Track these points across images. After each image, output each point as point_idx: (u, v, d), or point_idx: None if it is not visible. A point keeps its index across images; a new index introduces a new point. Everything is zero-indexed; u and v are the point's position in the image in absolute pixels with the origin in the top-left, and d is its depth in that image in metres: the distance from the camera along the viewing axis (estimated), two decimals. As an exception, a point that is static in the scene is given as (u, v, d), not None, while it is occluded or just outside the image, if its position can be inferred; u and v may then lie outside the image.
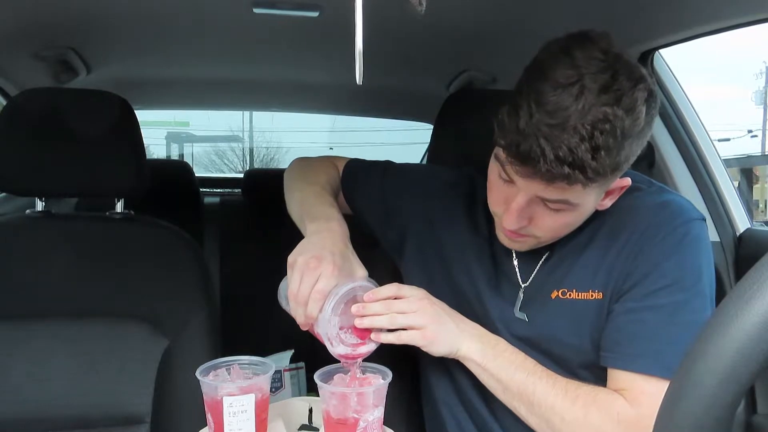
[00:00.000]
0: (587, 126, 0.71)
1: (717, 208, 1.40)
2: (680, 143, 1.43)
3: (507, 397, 0.86)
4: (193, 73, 2.07)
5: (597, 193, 0.81)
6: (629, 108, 0.73)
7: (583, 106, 0.72)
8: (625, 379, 0.83)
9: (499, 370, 0.86)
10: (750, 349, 0.37)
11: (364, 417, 0.78)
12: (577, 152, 0.72)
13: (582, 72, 0.73)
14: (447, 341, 0.85)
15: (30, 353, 1.09)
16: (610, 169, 0.75)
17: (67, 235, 1.20)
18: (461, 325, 0.88)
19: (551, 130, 0.72)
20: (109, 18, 1.39)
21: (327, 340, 0.81)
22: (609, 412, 0.81)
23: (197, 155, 12.22)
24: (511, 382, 0.85)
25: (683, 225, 0.85)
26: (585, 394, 0.83)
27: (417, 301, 0.85)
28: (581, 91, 0.72)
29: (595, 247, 0.88)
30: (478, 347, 0.86)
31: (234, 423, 0.78)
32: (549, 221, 0.83)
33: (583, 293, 0.88)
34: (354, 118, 3.97)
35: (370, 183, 1.09)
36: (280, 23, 1.42)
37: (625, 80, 0.73)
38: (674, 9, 1.15)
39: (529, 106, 0.74)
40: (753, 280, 0.37)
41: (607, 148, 0.72)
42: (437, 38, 1.51)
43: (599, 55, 0.74)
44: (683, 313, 0.82)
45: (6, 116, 1.15)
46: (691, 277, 0.83)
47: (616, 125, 0.72)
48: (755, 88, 14.79)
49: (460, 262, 0.98)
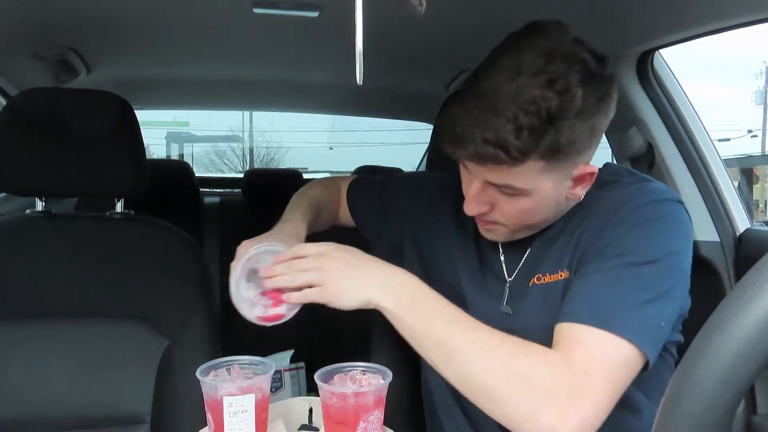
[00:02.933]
0: (514, 107, 0.74)
1: (717, 208, 1.40)
2: (680, 143, 1.43)
3: (424, 350, 0.80)
4: (193, 73, 2.07)
5: (554, 180, 0.81)
6: (562, 90, 0.74)
7: (514, 90, 0.75)
8: (560, 331, 0.78)
9: (415, 320, 0.79)
10: (750, 349, 0.37)
11: (364, 417, 0.78)
12: (502, 133, 0.74)
13: (521, 58, 0.76)
14: (352, 294, 0.81)
15: (30, 353, 1.09)
16: (546, 150, 0.76)
17: (67, 235, 1.20)
18: (373, 275, 0.82)
19: (483, 114, 0.75)
20: (109, 18, 1.39)
21: (237, 303, 0.84)
22: (541, 360, 0.75)
23: (197, 155, 12.24)
24: (429, 332, 0.78)
25: (652, 203, 0.84)
26: (513, 343, 0.76)
27: (317, 258, 0.82)
28: (514, 75, 0.75)
29: (567, 232, 0.89)
30: (390, 297, 0.80)
31: (234, 423, 0.78)
32: (508, 207, 0.85)
33: (553, 276, 0.88)
34: (354, 118, 3.97)
35: (370, 194, 1.14)
36: (280, 23, 1.42)
37: (560, 62, 0.75)
38: (674, 9, 1.15)
39: (467, 93, 0.79)
40: (753, 280, 0.37)
41: (531, 128, 0.74)
42: (437, 38, 1.51)
43: (542, 42, 0.77)
44: (633, 278, 0.78)
45: (6, 116, 1.15)
46: (651, 251, 0.80)
47: (542, 106, 0.74)
48: (755, 88, 14.83)
49: (447, 261, 1.00)
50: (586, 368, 0.73)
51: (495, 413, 0.75)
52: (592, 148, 0.82)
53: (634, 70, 1.43)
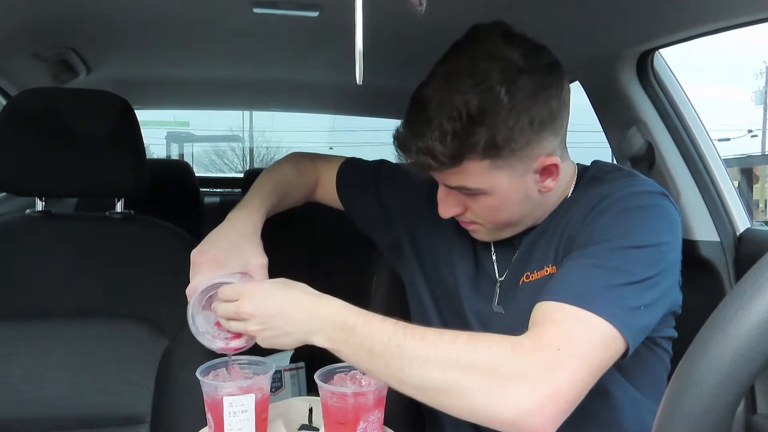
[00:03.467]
0: (440, 115, 0.77)
1: (717, 208, 1.40)
2: (680, 143, 1.43)
3: (376, 374, 0.76)
4: (193, 73, 2.07)
5: (510, 176, 0.82)
6: (485, 90, 0.76)
7: (441, 97, 0.77)
8: (535, 311, 0.77)
9: (354, 351, 0.75)
10: (750, 349, 0.37)
11: (364, 417, 0.78)
12: (429, 141, 0.78)
13: (453, 65, 0.80)
14: (286, 342, 0.80)
15: (30, 353, 1.09)
16: (483, 149, 0.78)
17: (67, 235, 1.20)
18: (304, 319, 0.78)
19: (417, 124, 0.79)
20: (109, 18, 1.39)
21: (197, 337, 0.85)
22: (501, 346, 0.71)
23: (197, 155, 12.23)
24: (373, 357, 0.74)
25: (637, 194, 0.84)
26: (468, 336, 0.73)
27: (245, 309, 0.79)
28: (444, 82, 0.79)
29: (552, 228, 0.90)
30: (323, 337, 0.77)
31: (234, 423, 0.78)
32: (476, 207, 0.87)
33: (540, 272, 0.89)
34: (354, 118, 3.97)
35: (365, 187, 1.12)
36: (280, 23, 1.42)
37: (485, 63, 0.78)
38: (674, 9, 1.15)
39: (410, 102, 0.82)
40: (753, 280, 0.37)
41: (455, 132, 0.76)
42: (437, 38, 1.51)
43: (474, 46, 0.81)
44: (614, 260, 0.77)
45: (6, 116, 1.15)
46: (635, 237, 0.79)
47: (463, 110, 0.76)
48: (755, 88, 14.82)
49: (446, 260, 1.01)
50: (558, 344, 0.71)
51: (464, 412, 0.72)
52: (545, 140, 0.82)
53: (634, 70, 1.43)
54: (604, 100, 1.53)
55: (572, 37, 1.30)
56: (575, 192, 0.92)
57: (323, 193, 1.16)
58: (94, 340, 1.11)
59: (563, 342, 0.71)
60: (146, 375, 1.10)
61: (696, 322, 0.44)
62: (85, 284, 1.15)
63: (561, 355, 0.70)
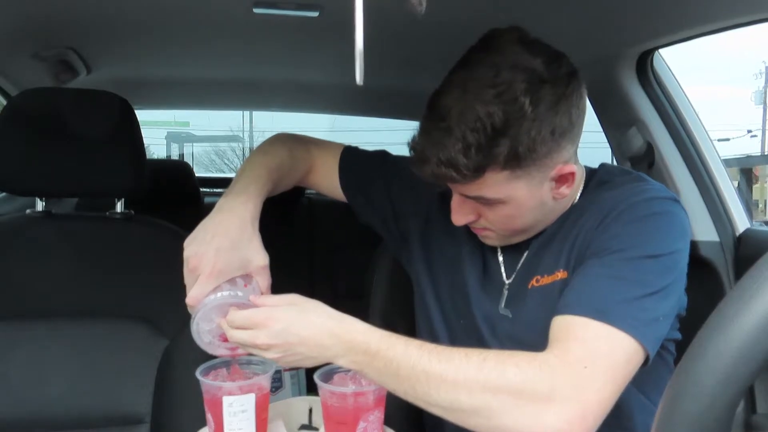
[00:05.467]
0: (462, 126, 0.75)
1: (717, 208, 1.40)
2: (680, 143, 1.43)
3: (402, 395, 0.76)
4: (193, 73, 2.07)
5: (528, 185, 0.82)
6: (509, 100, 0.75)
7: (462, 108, 0.76)
8: (557, 325, 0.77)
9: (379, 373, 0.75)
10: (750, 349, 0.37)
11: (364, 417, 0.78)
12: (452, 153, 0.76)
13: (471, 74, 0.78)
14: (309, 364, 0.79)
15: (30, 353, 1.09)
16: (504, 161, 0.77)
17: (67, 235, 1.20)
18: (327, 344, 0.76)
19: (437, 134, 0.77)
20: (109, 18, 1.39)
21: (199, 345, 0.83)
22: (530, 365, 0.71)
23: (197, 155, 12.23)
24: (399, 380, 0.74)
25: (649, 201, 0.84)
26: (496, 356, 0.73)
27: (262, 341, 0.76)
28: (463, 92, 0.77)
29: (563, 233, 0.89)
30: (347, 360, 0.76)
31: (234, 423, 0.78)
32: (491, 215, 0.86)
33: (551, 276, 0.88)
34: (354, 118, 3.97)
35: (373, 180, 1.09)
36: (280, 23, 1.42)
37: (506, 73, 0.76)
38: (674, 9, 1.15)
39: (427, 110, 0.81)
40: (753, 280, 0.38)
41: (479, 145, 0.75)
42: (437, 38, 1.51)
43: (491, 55, 0.79)
44: (632, 271, 0.78)
45: (6, 116, 1.15)
46: (650, 246, 0.79)
47: (487, 122, 0.75)
48: (755, 88, 14.83)
49: (455, 260, 1.00)
50: (584, 362, 0.72)
51: (494, 431, 0.73)
52: (564, 148, 0.82)
53: (633, 70, 1.42)
54: (604, 100, 1.52)
55: (572, 37, 1.30)
56: (584, 195, 0.91)
57: (317, 181, 1.10)
58: (94, 340, 1.11)
59: (589, 360, 0.72)
60: (146, 375, 1.10)
61: (696, 322, 0.44)
62: (85, 284, 1.15)
63: (588, 373, 0.71)
